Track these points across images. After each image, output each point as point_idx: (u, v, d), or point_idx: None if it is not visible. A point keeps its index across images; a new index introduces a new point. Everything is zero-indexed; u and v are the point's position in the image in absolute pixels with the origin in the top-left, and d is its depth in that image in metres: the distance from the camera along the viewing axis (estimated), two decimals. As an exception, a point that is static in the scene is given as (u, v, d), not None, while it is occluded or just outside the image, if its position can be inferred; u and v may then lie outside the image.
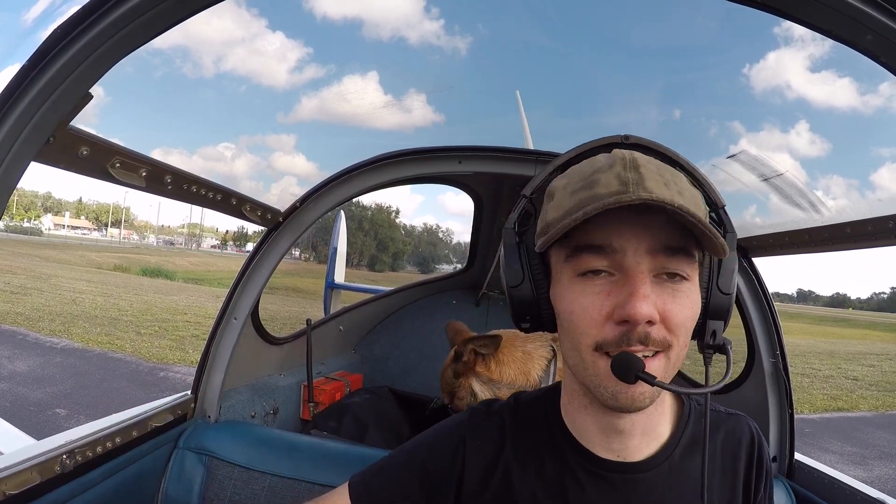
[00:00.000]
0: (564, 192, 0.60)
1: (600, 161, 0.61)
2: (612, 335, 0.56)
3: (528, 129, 4.22)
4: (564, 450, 0.67)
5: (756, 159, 1.26)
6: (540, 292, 0.63)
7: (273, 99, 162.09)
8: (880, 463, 5.82)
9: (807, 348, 16.96)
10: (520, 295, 0.64)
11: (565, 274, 0.60)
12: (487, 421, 0.73)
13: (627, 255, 0.56)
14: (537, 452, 0.69)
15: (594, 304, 0.56)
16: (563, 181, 0.62)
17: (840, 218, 1.06)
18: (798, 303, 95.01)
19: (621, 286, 0.56)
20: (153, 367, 6.80)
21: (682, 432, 0.67)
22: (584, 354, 0.58)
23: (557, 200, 0.60)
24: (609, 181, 0.56)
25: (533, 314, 0.64)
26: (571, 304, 0.58)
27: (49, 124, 0.65)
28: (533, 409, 0.73)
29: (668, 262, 0.56)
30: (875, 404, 8.91)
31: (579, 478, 0.65)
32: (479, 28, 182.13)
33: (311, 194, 1.39)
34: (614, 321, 0.55)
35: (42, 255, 26.65)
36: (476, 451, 0.70)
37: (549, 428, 0.69)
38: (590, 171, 0.59)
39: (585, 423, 0.66)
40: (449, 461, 0.70)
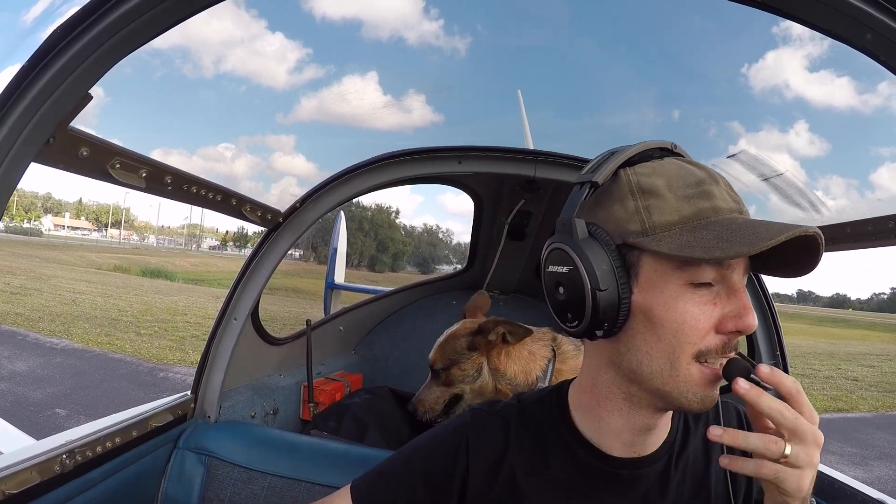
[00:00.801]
0: (673, 195, 0.59)
1: (696, 171, 0.61)
2: (714, 344, 0.58)
3: (529, 129, 4.22)
4: (573, 449, 0.68)
5: (756, 159, 1.26)
6: (625, 297, 0.59)
7: (273, 99, 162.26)
8: (880, 463, 5.82)
9: (807, 349, 16.97)
10: (608, 299, 0.59)
11: (673, 281, 0.58)
12: (491, 422, 0.73)
13: (735, 270, 0.59)
14: (543, 452, 0.69)
15: (704, 315, 0.58)
16: (660, 180, 0.60)
17: (840, 218, 1.06)
18: (798, 303, 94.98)
19: (727, 298, 0.58)
20: (153, 367, 6.80)
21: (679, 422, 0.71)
22: (680, 362, 0.58)
23: (668, 203, 0.59)
24: (724, 196, 0.59)
25: (612, 320, 0.60)
26: (683, 313, 0.58)
27: (49, 125, 0.65)
28: (538, 410, 0.73)
29: (745, 279, 0.61)
30: (875, 405, 8.91)
31: (588, 476, 0.67)
32: (479, 28, 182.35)
33: (311, 195, 1.39)
34: (719, 331, 0.58)
35: (42, 255, 26.64)
36: (479, 452, 0.70)
37: (556, 428, 0.70)
38: (692, 179, 0.60)
39: (612, 423, 0.66)
40: (451, 463, 0.70)
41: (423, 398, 1.56)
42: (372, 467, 0.76)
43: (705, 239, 0.55)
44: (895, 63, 0.60)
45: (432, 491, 0.70)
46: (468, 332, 1.47)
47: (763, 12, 0.63)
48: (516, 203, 1.89)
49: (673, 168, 0.61)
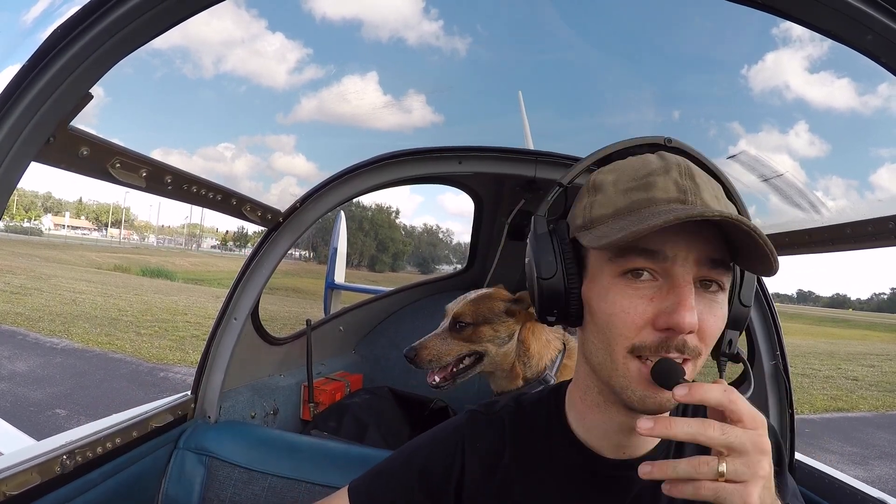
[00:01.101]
0: (615, 189, 0.59)
1: (653, 162, 0.60)
2: (650, 340, 0.56)
3: (529, 130, 4.22)
4: (567, 451, 0.67)
5: (756, 160, 1.26)
6: (572, 286, 0.62)
7: (273, 99, 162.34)
8: (880, 463, 5.82)
9: (807, 349, 16.96)
10: (551, 287, 0.62)
11: (606, 272, 0.58)
12: (487, 423, 0.72)
13: (677, 264, 0.55)
14: (538, 455, 0.68)
15: (636, 308, 0.56)
16: (610, 176, 0.61)
17: (840, 218, 1.06)
18: (798, 303, 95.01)
19: (667, 293, 0.55)
20: (153, 367, 6.80)
21: None
22: (616, 355, 0.58)
23: (607, 196, 0.59)
24: (667, 186, 0.57)
25: (561, 307, 0.63)
26: (612, 304, 0.57)
27: (49, 124, 0.65)
28: (535, 411, 0.72)
29: (710, 272, 0.56)
30: (875, 404, 8.91)
31: (583, 478, 0.65)
32: (478, 29, 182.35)
33: (311, 194, 1.39)
34: (655, 327, 0.55)
35: (42, 255, 26.65)
36: (475, 454, 0.70)
37: (550, 430, 0.69)
38: (644, 171, 0.59)
39: (596, 421, 0.65)
40: (448, 464, 0.70)
41: (430, 346, 1.45)
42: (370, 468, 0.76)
43: (613, 229, 0.55)
44: (895, 64, 0.60)
45: (429, 491, 0.70)
46: (507, 299, 1.46)
47: (762, 14, 0.63)
48: (516, 203, 1.89)
49: (632, 163, 0.62)
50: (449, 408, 2.05)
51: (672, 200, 0.56)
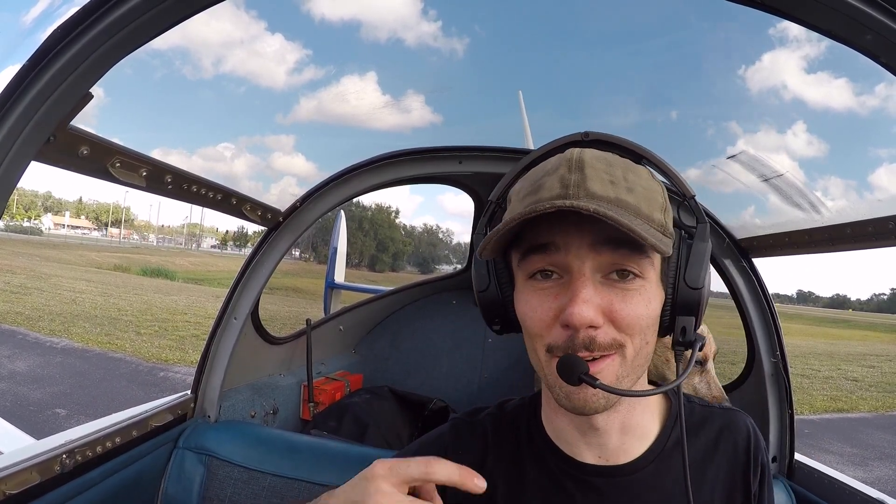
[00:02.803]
0: (518, 197, 0.60)
1: (551, 163, 0.59)
2: (560, 339, 0.55)
3: (529, 129, 4.21)
4: (546, 457, 0.65)
5: (756, 159, 1.26)
6: (505, 295, 0.64)
7: (272, 100, 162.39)
8: (880, 463, 5.82)
9: (807, 349, 16.96)
10: (487, 298, 0.65)
11: (520, 277, 0.60)
12: (469, 431, 0.71)
13: (570, 253, 0.54)
14: (520, 461, 0.67)
15: (542, 306, 0.56)
16: (519, 185, 0.62)
17: (840, 218, 1.06)
18: (798, 304, 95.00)
19: (566, 288, 0.55)
20: (153, 366, 6.80)
21: (671, 429, 0.65)
22: (539, 355, 0.58)
23: (512, 206, 0.61)
24: (552, 184, 0.55)
25: (501, 316, 0.65)
26: (524, 305, 0.58)
27: (49, 124, 0.65)
28: (515, 417, 0.71)
29: (614, 257, 0.54)
30: (875, 405, 8.91)
31: (564, 485, 0.64)
32: (476, 29, 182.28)
33: (311, 194, 1.39)
34: (560, 324, 0.55)
35: (42, 254, 26.65)
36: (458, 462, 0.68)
37: (529, 435, 0.68)
38: (540, 175, 0.59)
39: (562, 424, 0.65)
40: None
41: None
42: None
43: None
44: (895, 64, 0.60)
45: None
46: None
47: (760, 14, 0.63)
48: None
49: (537, 168, 0.62)
50: (449, 408, 2.05)
51: (555, 197, 0.54)
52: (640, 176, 0.59)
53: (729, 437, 0.66)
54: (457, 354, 2.36)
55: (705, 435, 0.66)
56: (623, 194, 0.54)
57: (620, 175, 0.56)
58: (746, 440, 0.67)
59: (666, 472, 0.63)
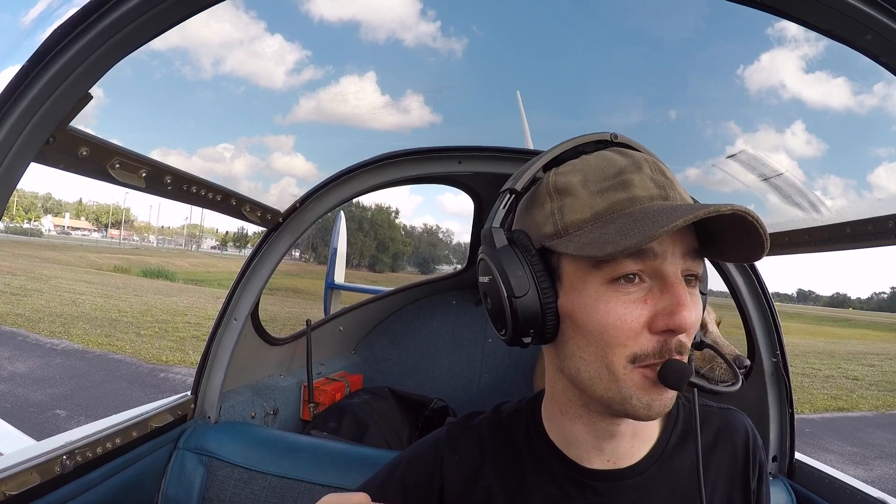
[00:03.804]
0: (587, 191, 0.56)
1: (619, 160, 0.57)
2: (650, 346, 0.53)
3: (528, 130, 4.21)
4: (548, 461, 0.64)
5: (755, 159, 1.26)
6: (548, 301, 0.56)
7: (271, 100, 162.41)
8: (881, 463, 5.82)
9: (807, 348, 16.96)
10: (527, 305, 0.56)
11: (593, 280, 0.54)
12: (465, 435, 0.70)
13: (667, 260, 0.53)
14: (518, 466, 0.66)
15: (632, 314, 0.52)
16: (575, 177, 0.57)
17: (840, 218, 1.05)
18: (798, 303, 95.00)
19: (660, 293, 0.53)
20: (153, 368, 6.79)
21: (671, 430, 0.65)
22: (615, 367, 0.54)
23: (580, 200, 0.56)
24: (644, 183, 0.54)
25: (538, 326, 0.57)
26: (606, 314, 0.53)
27: (49, 125, 0.65)
28: (513, 421, 0.70)
29: (692, 265, 0.54)
30: (875, 404, 8.91)
31: (565, 489, 0.63)
32: (475, 30, 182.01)
33: (310, 195, 1.39)
34: (651, 331, 0.53)
35: (42, 255, 26.65)
36: (454, 467, 0.67)
37: (530, 440, 0.67)
38: (612, 170, 0.56)
39: (577, 432, 0.62)
40: (427, 478, 0.68)
41: None
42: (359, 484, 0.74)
43: (609, 233, 0.51)
44: (895, 64, 0.60)
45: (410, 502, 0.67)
46: None
47: (759, 14, 0.63)
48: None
49: (594, 161, 0.58)
50: (449, 408, 2.05)
51: (654, 197, 0.53)
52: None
53: (727, 437, 0.66)
54: (456, 355, 2.36)
55: (704, 436, 0.66)
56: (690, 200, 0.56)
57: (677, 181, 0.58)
58: (745, 439, 0.67)
59: (668, 473, 0.63)
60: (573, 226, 0.55)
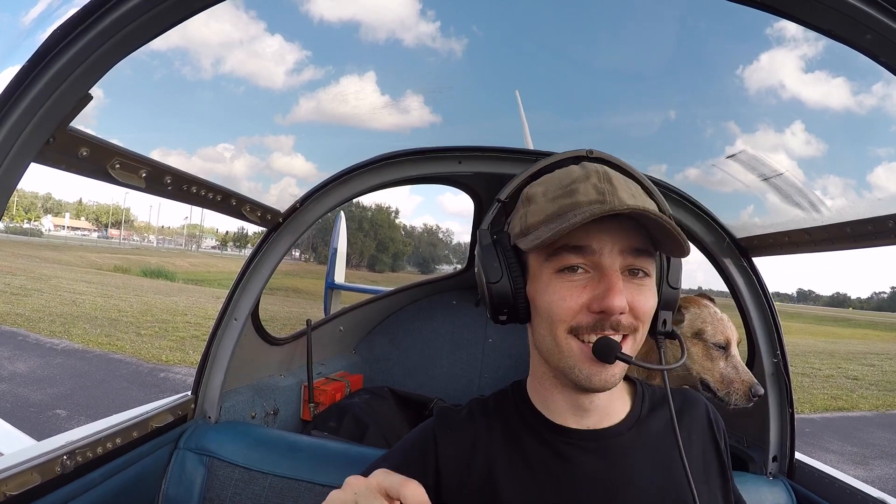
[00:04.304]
0: (545, 199, 0.68)
1: (576, 172, 0.69)
2: (586, 321, 0.64)
3: (528, 130, 4.21)
4: (538, 428, 0.72)
5: (755, 159, 1.26)
6: (517, 287, 0.69)
7: (271, 100, 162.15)
8: (881, 462, 5.82)
9: (807, 348, 16.97)
10: (499, 290, 0.69)
11: (546, 271, 0.67)
12: (456, 414, 0.77)
13: (604, 255, 0.64)
14: (512, 435, 0.73)
15: (572, 295, 0.64)
16: (540, 188, 0.70)
17: (840, 218, 1.06)
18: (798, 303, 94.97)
19: (598, 282, 0.64)
20: (153, 367, 6.80)
21: (641, 404, 0.76)
22: (558, 338, 0.65)
23: (538, 205, 0.68)
24: (587, 190, 0.65)
25: (510, 306, 0.70)
26: (552, 294, 0.65)
27: (49, 125, 0.65)
28: (500, 399, 0.78)
29: (634, 261, 0.65)
30: (876, 404, 8.91)
31: (559, 449, 0.70)
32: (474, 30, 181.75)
33: (310, 195, 1.39)
34: (590, 310, 0.64)
35: (42, 255, 26.65)
36: (449, 444, 0.73)
37: (519, 412, 0.75)
38: (568, 181, 0.68)
39: (556, 401, 0.72)
40: (422, 460, 0.73)
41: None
42: None
43: (545, 231, 0.64)
44: (895, 63, 0.60)
45: None
46: None
47: (757, 14, 0.63)
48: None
49: (558, 175, 0.71)
50: (438, 405, 2.05)
51: (593, 202, 0.64)
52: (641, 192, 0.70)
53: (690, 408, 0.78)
54: (457, 354, 2.36)
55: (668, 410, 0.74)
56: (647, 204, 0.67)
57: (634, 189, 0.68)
58: (705, 408, 0.79)
59: (647, 433, 0.73)
60: (532, 227, 0.68)
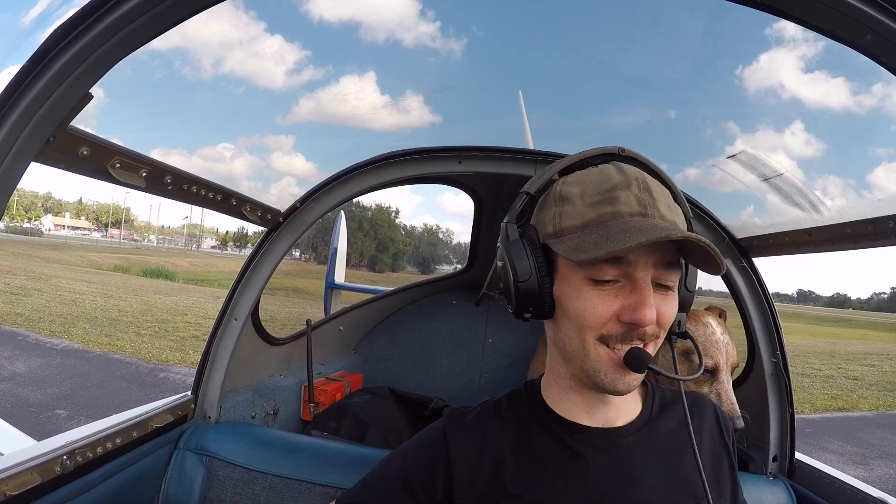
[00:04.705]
0: (582, 202, 0.67)
1: (614, 176, 0.67)
2: (615, 330, 0.65)
3: (529, 130, 4.20)
4: (550, 425, 0.73)
5: (755, 159, 1.26)
6: (545, 286, 0.68)
7: (271, 100, 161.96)
8: (881, 462, 5.82)
9: (807, 348, 16.95)
10: (527, 288, 0.68)
11: (576, 275, 0.66)
12: (467, 414, 0.78)
13: (638, 268, 0.64)
14: (523, 431, 0.74)
15: (604, 304, 0.64)
16: (575, 189, 0.68)
17: (840, 218, 1.06)
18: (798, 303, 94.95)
19: (629, 293, 0.64)
20: (153, 367, 6.79)
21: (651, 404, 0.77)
22: (587, 344, 0.66)
23: (575, 208, 0.67)
24: (629, 200, 0.65)
25: (536, 305, 0.69)
26: (584, 302, 0.65)
27: (49, 124, 0.65)
28: (513, 398, 0.79)
29: (664, 274, 0.66)
30: (875, 404, 8.91)
31: (570, 446, 0.71)
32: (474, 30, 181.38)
33: (311, 194, 1.39)
34: (620, 320, 0.64)
35: (42, 255, 26.64)
36: (461, 444, 0.74)
37: (531, 409, 0.76)
38: (606, 186, 0.67)
39: (571, 399, 0.73)
40: (432, 462, 0.73)
41: None
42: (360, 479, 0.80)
43: (588, 241, 0.63)
44: (895, 64, 0.60)
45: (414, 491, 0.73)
46: None
47: (757, 15, 0.63)
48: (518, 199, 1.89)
49: (594, 175, 0.69)
50: (449, 407, 2.05)
51: (634, 214, 0.64)
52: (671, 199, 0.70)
53: (700, 410, 0.79)
54: (457, 354, 2.36)
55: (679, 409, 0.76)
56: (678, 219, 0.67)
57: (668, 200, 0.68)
58: (714, 411, 0.81)
59: (657, 433, 0.74)
60: (567, 230, 0.67)
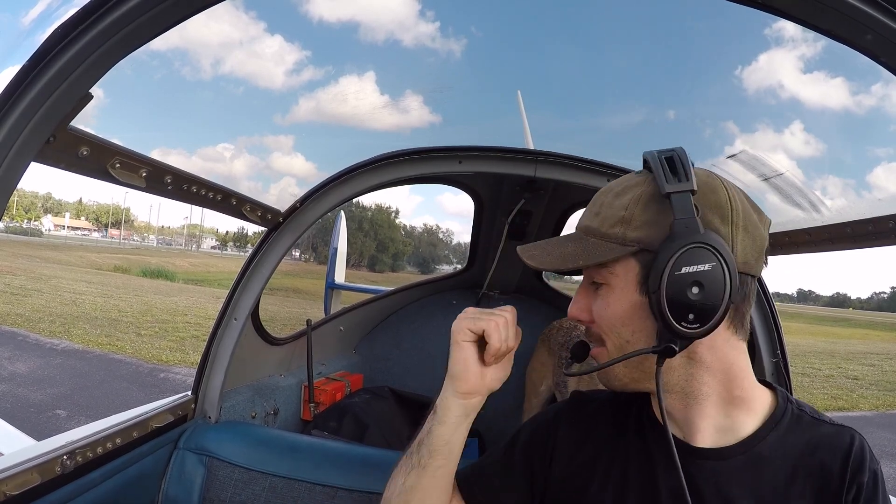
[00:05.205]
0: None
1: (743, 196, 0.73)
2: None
3: (529, 130, 4.20)
4: (647, 431, 0.73)
5: (755, 159, 1.26)
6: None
7: (271, 100, 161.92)
8: (881, 462, 5.82)
9: (807, 348, 16.95)
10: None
11: None
12: (588, 402, 0.82)
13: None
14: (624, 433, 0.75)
15: None
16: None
17: (840, 218, 1.05)
18: (798, 303, 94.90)
19: None
20: (153, 368, 6.80)
21: (767, 432, 0.67)
22: None
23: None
24: None
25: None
26: None
27: (49, 124, 0.65)
28: (631, 398, 0.77)
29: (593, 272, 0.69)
30: (876, 403, 8.91)
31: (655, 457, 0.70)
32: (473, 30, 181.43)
33: (311, 194, 1.39)
34: None
35: (42, 255, 26.64)
36: (570, 428, 0.78)
37: (638, 413, 0.75)
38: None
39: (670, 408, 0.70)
40: (543, 438, 0.79)
41: None
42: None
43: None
44: (895, 64, 0.60)
45: (528, 456, 0.79)
46: None
47: (756, 15, 0.63)
48: (516, 203, 1.89)
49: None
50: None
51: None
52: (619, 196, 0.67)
53: (827, 450, 0.66)
54: (457, 354, 2.35)
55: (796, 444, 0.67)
56: (591, 221, 0.69)
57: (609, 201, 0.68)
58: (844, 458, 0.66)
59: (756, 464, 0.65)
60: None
